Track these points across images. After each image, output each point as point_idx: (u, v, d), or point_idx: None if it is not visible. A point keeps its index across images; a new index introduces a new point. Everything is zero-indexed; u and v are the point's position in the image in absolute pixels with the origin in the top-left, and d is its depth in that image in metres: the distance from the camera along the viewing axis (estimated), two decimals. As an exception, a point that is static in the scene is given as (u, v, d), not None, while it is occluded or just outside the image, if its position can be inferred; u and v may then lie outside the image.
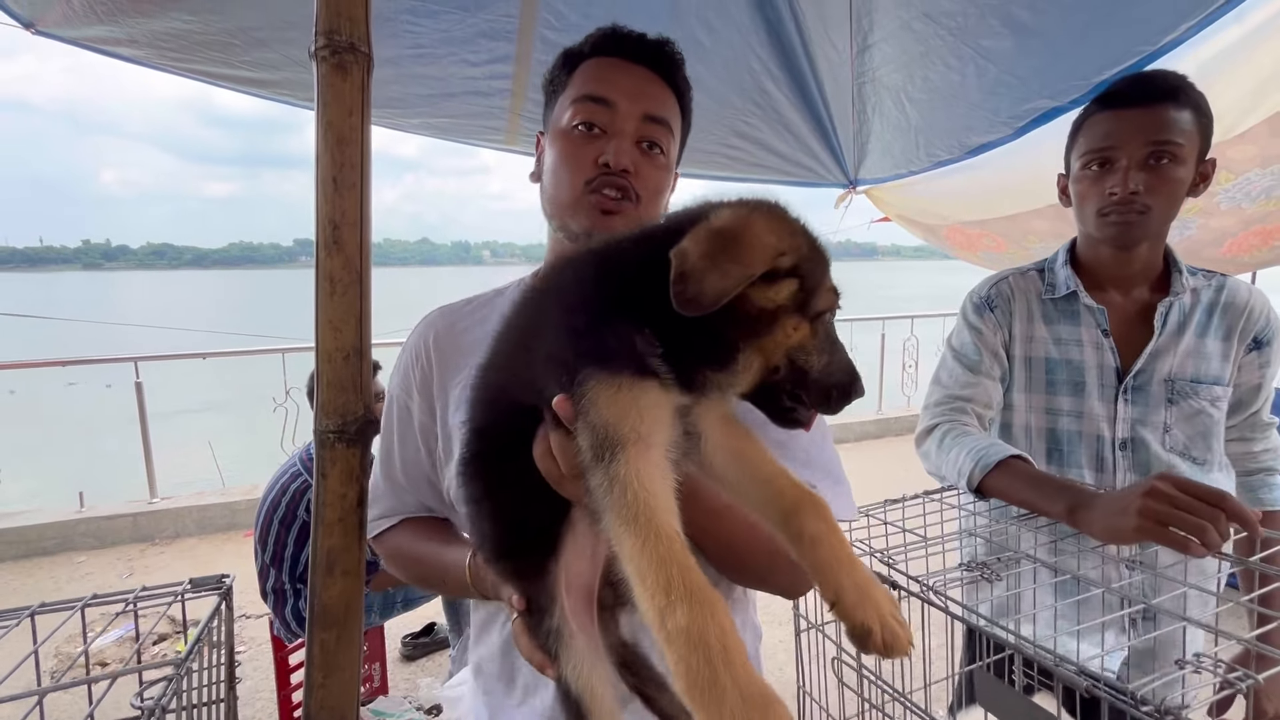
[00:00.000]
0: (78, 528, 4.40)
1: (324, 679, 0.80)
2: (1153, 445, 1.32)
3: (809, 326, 0.60)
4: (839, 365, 0.62)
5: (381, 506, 1.04)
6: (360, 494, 0.81)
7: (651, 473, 0.54)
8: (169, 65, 2.26)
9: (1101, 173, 1.29)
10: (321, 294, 0.79)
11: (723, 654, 0.46)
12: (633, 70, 0.93)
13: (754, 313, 0.58)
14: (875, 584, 0.57)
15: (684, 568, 0.50)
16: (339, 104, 0.79)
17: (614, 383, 0.56)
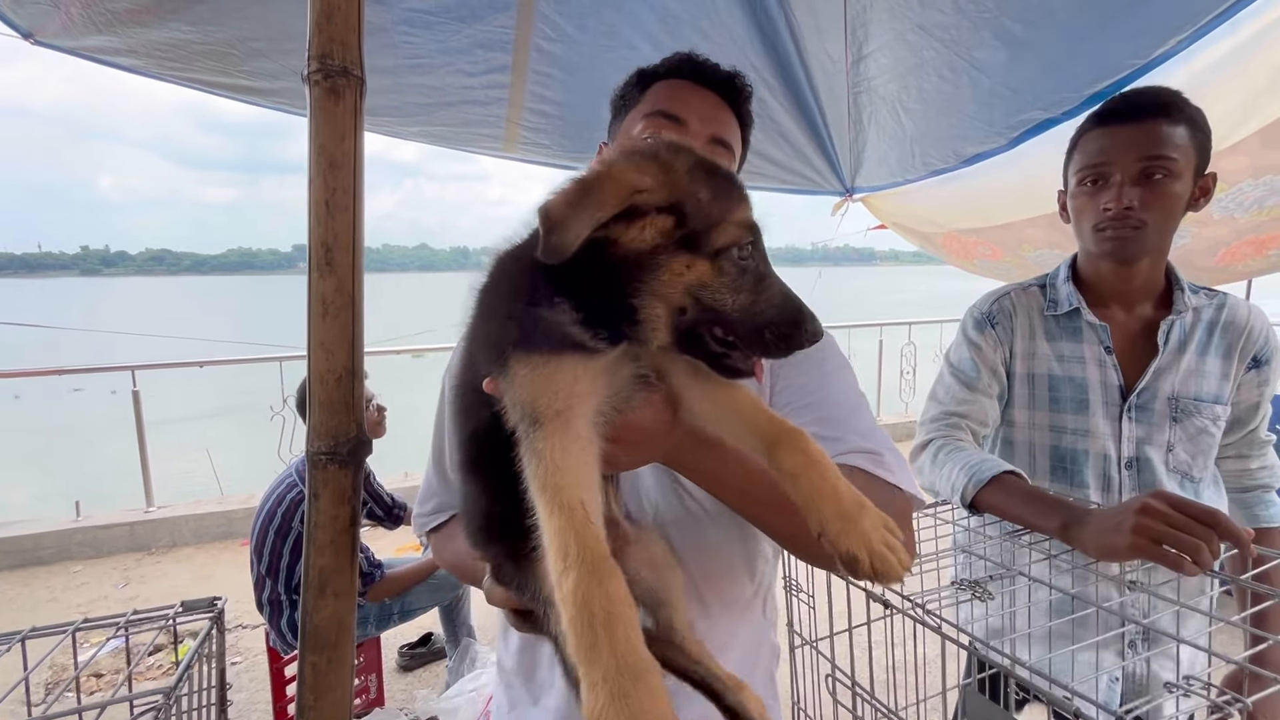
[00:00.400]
0: (74, 537, 4.38)
1: (315, 701, 0.80)
2: (1157, 464, 1.31)
3: (709, 264, 0.58)
4: (769, 303, 0.59)
5: (434, 502, 1.09)
6: (352, 515, 0.81)
7: (566, 447, 0.57)
8: (168, 74, 2.27)
9: (1096, 189, 1.29)
10: (314, 316, 0.79)
11: (605, 620, 0.49)
12: (705, 95, 0.96)
13: (630, 256, 0.57)
14: (864, 510, 0.57)
15: (581, 537, 0.53)
16: (332, 128, 0.79)
17: (530, 360, 0.59)
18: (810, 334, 0.59)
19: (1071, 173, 1.36)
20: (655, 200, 0.57)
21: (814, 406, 0.89)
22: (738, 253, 0.59)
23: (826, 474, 0.58)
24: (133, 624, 0.71)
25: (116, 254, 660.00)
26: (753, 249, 0.60)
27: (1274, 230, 2.26)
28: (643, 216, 0.57)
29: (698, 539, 0.91)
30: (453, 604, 2.88)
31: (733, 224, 0.59)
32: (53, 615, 3.81)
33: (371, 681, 2.72)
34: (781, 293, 0.60)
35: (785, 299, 0.60)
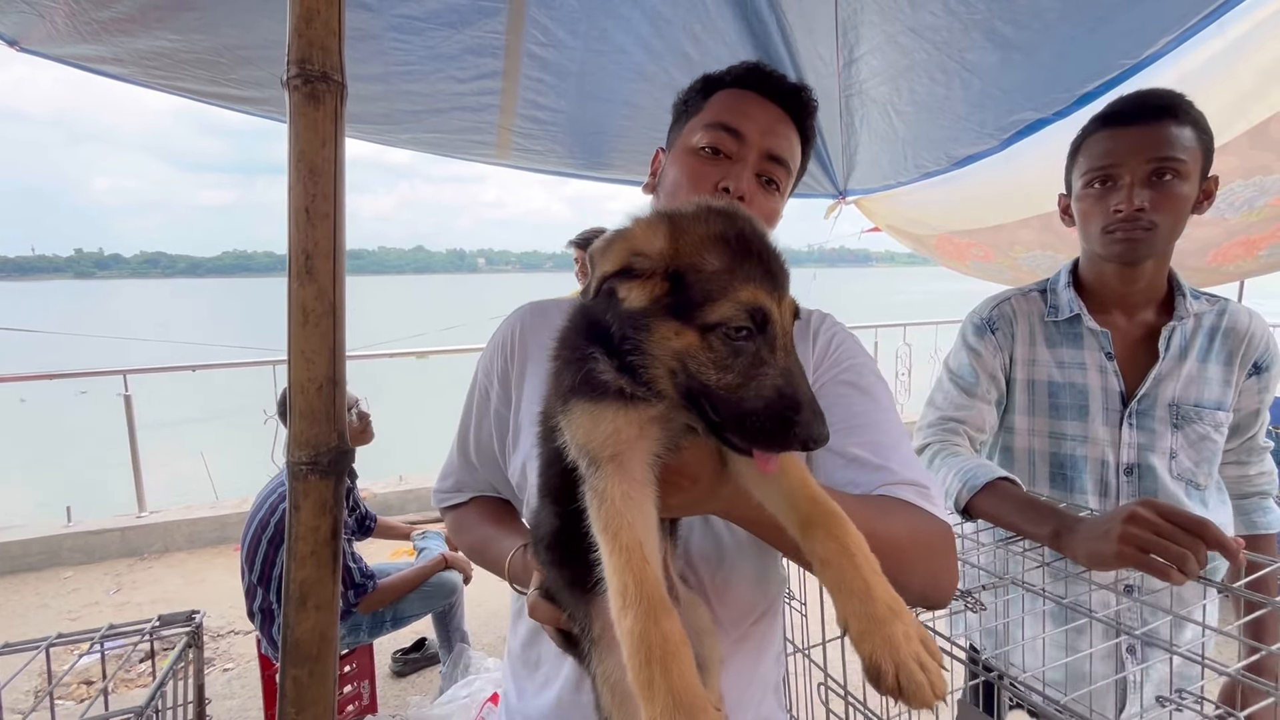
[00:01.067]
0: (65, 543, 4.35)
1: (297, 714, 0.79)
2: (1159, 471, 1.30)
3: (697, 335, 0.57)
4: (758, 391, 0.56)
5: (453, 480, 1.13)
6: (334, 526, 0.80)
7: (626, 490, 0.59)
8: (155, 83, 2.25)
9: (1105, 190, 1.27)
10: (294, 324, 0.78)
11: (661, 658, 0.52)
12: (767, 107, 0.96)
13: (628, 313, 0.59)
14: (897, 617, 0.54)
15: (639, 578, 0.55)
16: (312, 134, 0.78)
17: (583, 407, 0.62)
18: (801, 437, 0.55)
19: (1076, 176, 1.34)
20: (652, 265, 0.58)
21: (864, 430, 0.88)
22: (731, 331, 0.56)
23: (860, 567, 0.56)
24: (108, 638, 0.70)
25: (110, 257, 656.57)
26: (754, 333, 0.57)
27: (1264, 231, 2.27)
28: (637, 278, 0.58)
29: (715, 551, 0.91)
30: (446, 610, 2.87)
31: (731, 302, 0.57)
32: (43, 621, 3.77)
33: (364, 688, 2.70)
34: (776, 386, 0.56)
35: (780, 394, 0.56)
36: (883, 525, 0.75)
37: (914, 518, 0.80)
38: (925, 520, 0.81)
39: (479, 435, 1.08)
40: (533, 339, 1.03)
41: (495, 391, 1.05)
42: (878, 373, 0.98)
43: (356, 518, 2.91)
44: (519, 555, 0.94)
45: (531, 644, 0.99)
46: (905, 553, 0.76)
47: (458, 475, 1.13)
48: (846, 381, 0.93)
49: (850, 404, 0.91)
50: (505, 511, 1.11)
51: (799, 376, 0.58)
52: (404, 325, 6.94)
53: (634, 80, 2.30)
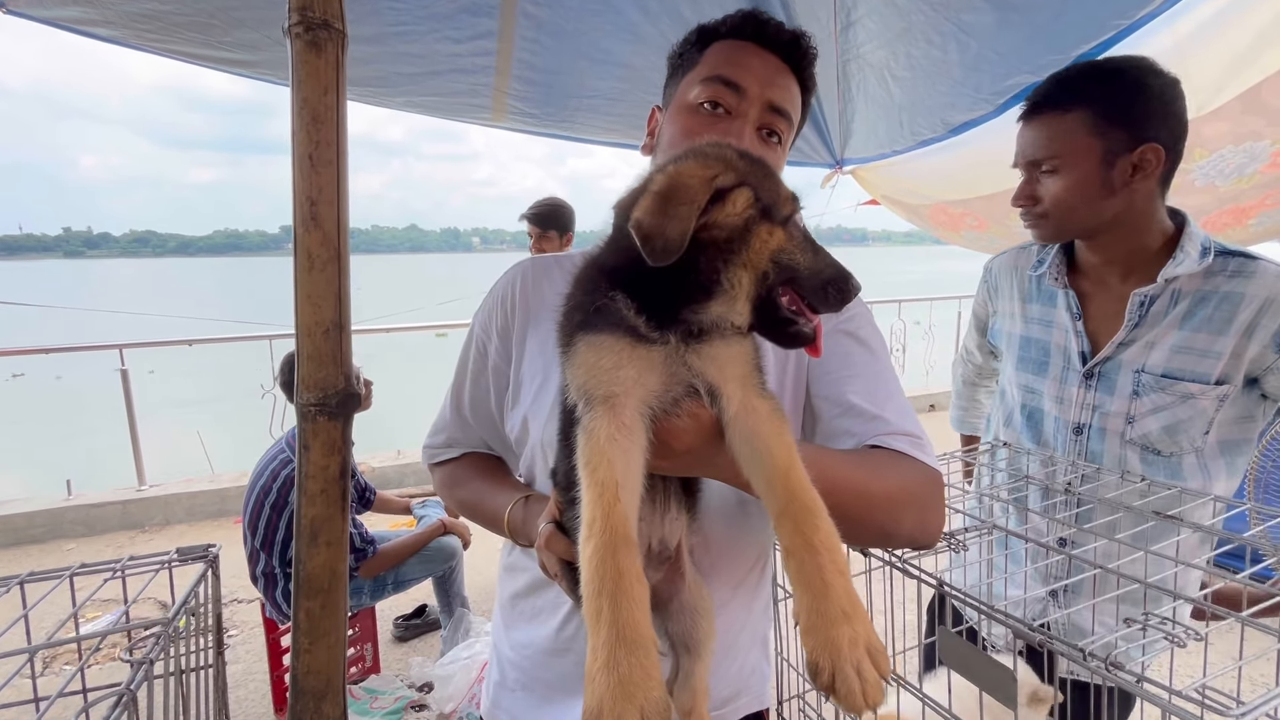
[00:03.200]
0: (66, 515, 4.39)
1: (310, 644, 0.82)
2: (1109, 434, 1.30)
3: (782, 230, 0.65)
4: (826, 262, 0.66)
5: (445, 436, 1.11)
6: (342, 465, 0.83)
7: (612, 431, 0.61)
8: (147, 45, 2.22)
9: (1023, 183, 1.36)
10: (300, 270, 0.80)
11: (613, 592, 0.53)
12: (766, 57, 0.93)
13: (725, 234, 0.63)
14: (848, 620, 0.54)
15: (608, 512, 0.57)
16: (314, 81, 0.79)
17: (589, 340, 0.65)
18: (855, 285, 0.65)
19: None
20: (729, 180, 0.64)
21: (861, 379, 0.91)
22: (798, 219, 0.66)
23: (823, 566, 0.56)
24: (128, 567, 0.72)
25: (99, 235, 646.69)
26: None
27: (1254, 199, 2.29)
28: (728, 194, 0.63)
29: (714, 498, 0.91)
30: (446, 575, 2.92)
31: (785, 196, 0.67)
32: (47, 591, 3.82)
33: (367, 650, 2.77)
34: (828, 255, 0.66)
35: (832, 258, 0.66)
36: (878, 482, 0.79)
37: (906, 469, 0.83)
38: (917, 470, 0.83)
39: (475, 391, 1.07)
40: (534, 294, 1.03)
41: (494, 346, 1.04)
42: (875, 326, 1.00)
43: (356, 487, 2.96)
44: (519, 506, 0.94)
45: (527, 594, 0.99)
46: (897, 505, 0.80)
47: (449, 431, 1.11)
48: (846, 332, 0.95)
49: (849, 353, 0.93)
50: (498, 467, 1.10)
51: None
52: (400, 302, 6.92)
53: (629, 41, 2.28)
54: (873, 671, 0.53)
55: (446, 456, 1.12)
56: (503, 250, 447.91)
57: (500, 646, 1.04)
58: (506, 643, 1.01)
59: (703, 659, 0.81)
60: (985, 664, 0.76)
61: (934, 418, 6.28)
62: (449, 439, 1.11)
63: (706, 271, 0.63)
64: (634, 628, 0.52)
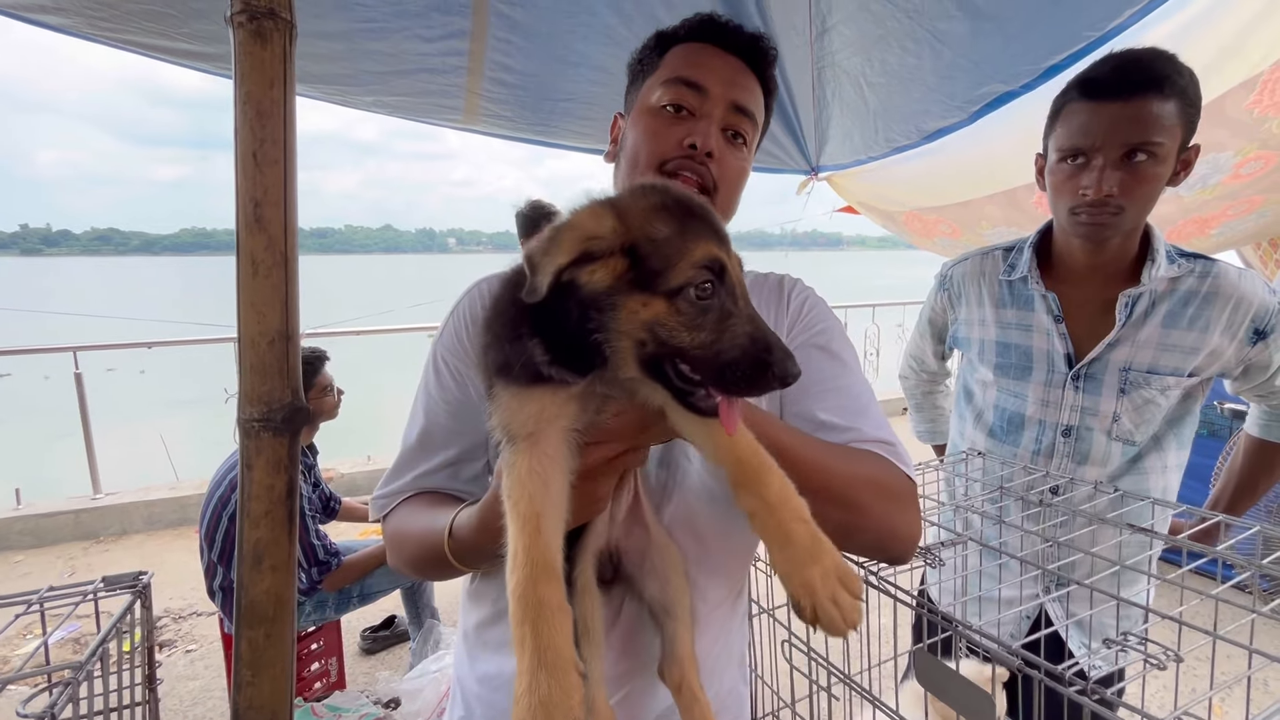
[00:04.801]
0: (14, 525, 4.19)
1: (253, 677, 0.77)
2: (1096, 433, 1.33)
3: (664, 302, 0.59)
4: (732, 342, 0.59)
5: (405, 479, 0.95)
6: (289, 485, 0.77)
7: (532, 465, 0.63)
8: (100, 36, 2.11)
9: (1075, 169, 1.23)
10: (244, 275, 0.74)
11: (534, 620, 0.57)
12: (726, 59, 0.92)
13: (589, 296, 0.60)
14: (817, 558, 0.59)
15: (529, 544, 0.60)
16: (259, 74, 0.74)
17: (511, 391, 0.65)
18: (779, 375, 0.58)
19: (1052, 146, 1.29)
20: (608, 246, 0.60)
21: (835, 393, 0.89)
22: (695, 292, 0.59)
23: (782, 518, 0.61)
24: (48, 600, 0.66)
25: (59, 233, 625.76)
26: (717, 286, 0.60)
27: (1216, 209, 2.34)
28: (597, 260, 0.60)
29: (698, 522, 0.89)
30: (415, 586, 2.84)
31: (690, 264, 0.59)
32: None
33: (332, 665, 2.67)
34: (748, 333, 0.59)
35: (752, 339, 0.59)
36: (841, 465, 0.78)
37: (877, 466, 0.81)
38: (888, 469, 0.82)
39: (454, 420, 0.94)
40: None
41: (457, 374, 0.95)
42: (846, 337, 0.98)
43: (321, 497, 2.86)
44: (466, 511, 0.80)
45: (493, 622, 0.93)
46: (860, 492, 0.77)
47: (411, 470, 0.95)
48: (817, 345, 0.93)
49: (820, 367, 0.91)
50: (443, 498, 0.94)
51: (761, 320, 0.61)
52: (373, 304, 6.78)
53: (604, 44, 2.25)
54: (847, 597, 0.58)
55: (399, 500, 0.95)
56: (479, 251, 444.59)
57: (465, 681, 0.96)
58: (472, 676, 0.95)
59: (683, 620, 0.82)
60: (963, 688, 0.74)
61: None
62: (409, 482, 0.94)
63: (589, 328, 0.61)
64: (555, 652, 0.56)
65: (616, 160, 1.00)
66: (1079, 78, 1.24)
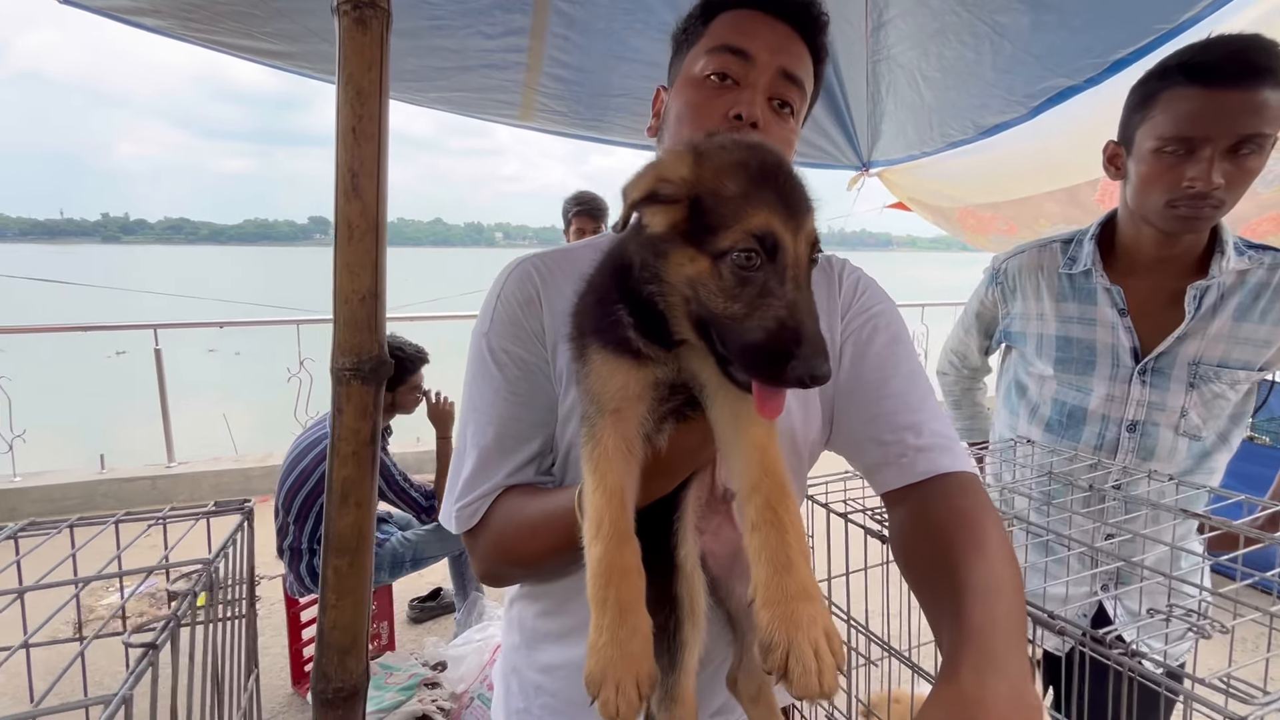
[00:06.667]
0: (98, 488, 4.53)
1: (337, 600, 0.85)
2: (1163, 428, 1.30)
3: (709, 262, 0.57)
4: (762, 323, 0.55)
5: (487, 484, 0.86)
6: (373, 430, 0.86)
7: (618, 442, 0.65)
8: (190, 36, 2.28)
9: (1178, 160, 1.17)
10: (340, 238, 0.83)
11: (619, 582, 0.59)
12: (774, 25, 0.88)
13: (649, 241, 0.61)
14: (807, 600, 0.53)
15: (615, 517, 0.62)
16: (359, 57, 0.82)
17: (601, 355, 0.66)
18: (799, 374, 0.53)
19: (1148, 133, 1.21)
20: (675, 191, 0.59)
21: (896, 380, 0.87)
22: (738, 260, 0.56)
23: (789, 543, 0.57)
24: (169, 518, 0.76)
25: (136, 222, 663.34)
26: (764, 261, 0.56)
27: (1296, 208, 2.23)
28: (659, 203, 0.60)
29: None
30: (462, 555, 2.96)
31: (742, 230, 0.56)
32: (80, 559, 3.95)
33: (384, 628, 2.82)
34: (780, 318, 0.55)
35: (782, 326, 0.54)
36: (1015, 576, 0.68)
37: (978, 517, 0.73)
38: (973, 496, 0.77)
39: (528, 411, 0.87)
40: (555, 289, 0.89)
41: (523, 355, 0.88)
42: (902, 319, 0.96)
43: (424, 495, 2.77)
44: None
45: (556, 613, 0.91)
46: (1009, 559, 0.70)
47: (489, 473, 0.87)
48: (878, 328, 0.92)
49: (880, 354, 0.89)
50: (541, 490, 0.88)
51: (806, 310, 0.56)
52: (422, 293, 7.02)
53: (659, 40, 2.30)
54: (830, 655, 0.52)
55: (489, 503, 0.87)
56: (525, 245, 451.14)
57: (524, 672, 0.94)
58: (531, 665, 0.93)
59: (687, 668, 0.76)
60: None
61: (955, 427, 6.19)
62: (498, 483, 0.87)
63: (645, 274, 0.62)
64: (634, 612, 0.59)
65: (659, 135, 0.97)
66: (1182, 62, 1.17)
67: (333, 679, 0.86)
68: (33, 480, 4.48)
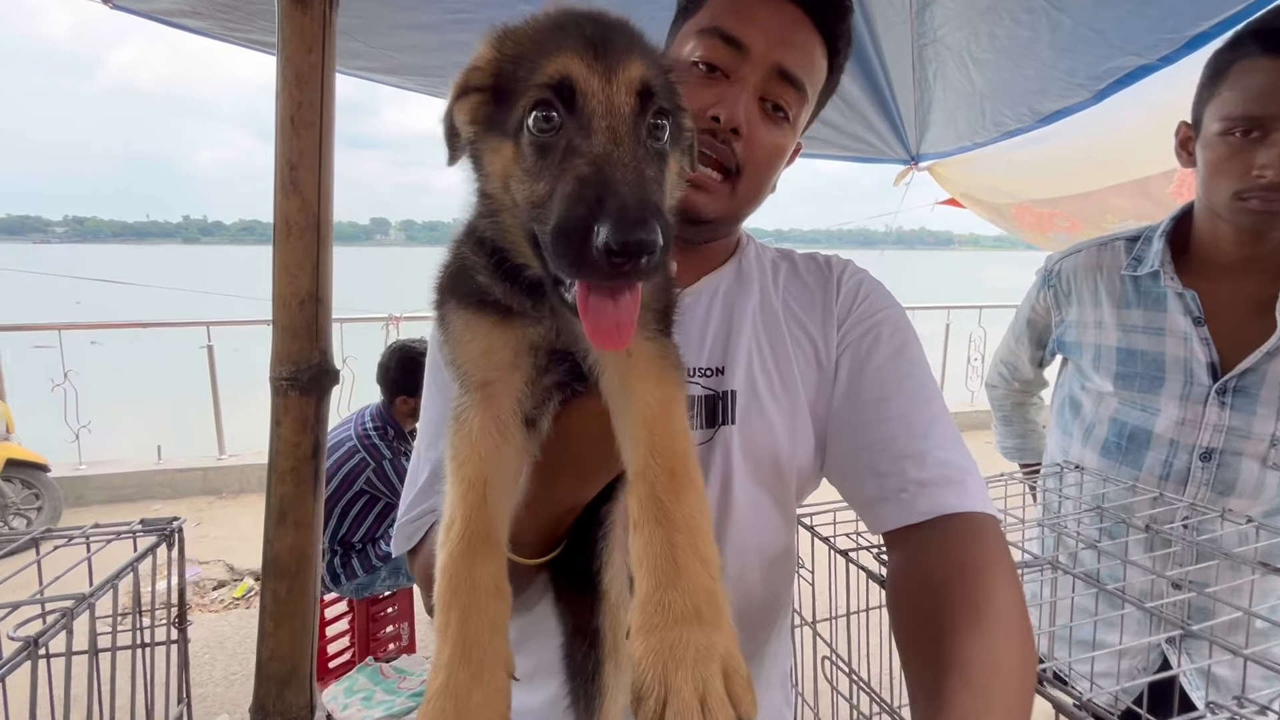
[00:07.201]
0: (155, 478, 4.75)
1: (275, 628, 0.79)
2: (1246, 459, 1.11)
3: (511, 146, 0.46)
4: (564, 193, 0.41)
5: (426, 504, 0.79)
6: (315, 444, 0.79)
7: (485, 422, 0.52)
8: (230, 35, 2.32)
9: (1248, 143, 1.03)
10: (278, 237, 0.76)
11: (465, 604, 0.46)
12: (782, 9, 0.75)
13: (470, 152, 0.52)
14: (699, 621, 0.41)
15: (471, 513, 0.49)
16: (298, 39, 0.76)
17: (457, 314, 0.54)
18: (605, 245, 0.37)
19: (1213, 113, 1.08)
20: (482, 79, 0.49)
21: (899, 399, 0.74)
22: (540, 122, 0.44)
23: (677, 544, 0.44)
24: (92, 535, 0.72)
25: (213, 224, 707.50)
26: (563, 115, 0.44)
27: None
28: (464, 96, 0.50)
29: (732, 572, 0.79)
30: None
31: (533, 84, 0.45)
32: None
33: (404, 630, 2.81)
34: (583, 177, 0.41)
35: (584, 185, 0.40)
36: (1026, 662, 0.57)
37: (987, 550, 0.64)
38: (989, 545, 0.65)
39: None
40: None
41: None
42: (911, 327, 0.83)
43: None
44: None
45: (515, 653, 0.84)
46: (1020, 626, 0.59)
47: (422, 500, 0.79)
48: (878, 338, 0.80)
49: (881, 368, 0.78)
50: None
51: (618, 163, 0.42)
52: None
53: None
54: (724, 704, 0.38)
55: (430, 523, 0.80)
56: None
57: None
58: None
59: None
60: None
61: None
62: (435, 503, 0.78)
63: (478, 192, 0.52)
64: (481, 647, 0.46)
65: None
66: (1258, 29, 1.03)
67: (270, 712, 0.79)
68: (96, 468, 4.74)
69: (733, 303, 0.82)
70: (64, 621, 0.53)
